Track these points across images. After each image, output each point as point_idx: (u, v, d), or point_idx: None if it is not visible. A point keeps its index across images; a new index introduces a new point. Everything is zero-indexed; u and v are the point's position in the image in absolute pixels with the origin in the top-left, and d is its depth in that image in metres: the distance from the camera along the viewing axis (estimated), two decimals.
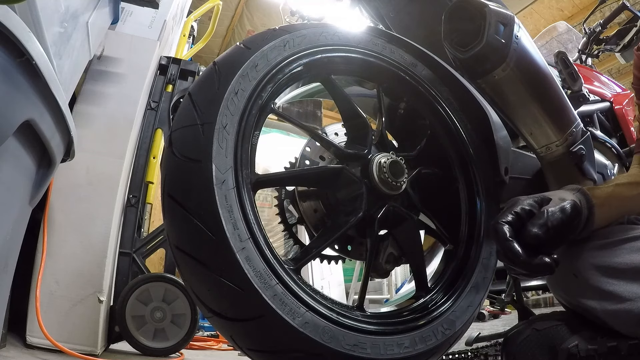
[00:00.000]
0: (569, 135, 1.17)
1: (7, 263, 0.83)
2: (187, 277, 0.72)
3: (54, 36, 0.96)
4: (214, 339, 2.55)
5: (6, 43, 0.62)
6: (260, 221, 0.73)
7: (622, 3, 2.12)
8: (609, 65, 4.81)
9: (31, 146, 0.79)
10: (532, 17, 5.04)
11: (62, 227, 1.60)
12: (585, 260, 0.87)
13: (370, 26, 1.07)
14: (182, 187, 0.71)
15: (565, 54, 1.48)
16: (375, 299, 4.51)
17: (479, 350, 1.50)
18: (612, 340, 0.78)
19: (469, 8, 1.01)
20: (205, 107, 0.74)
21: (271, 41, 0.83)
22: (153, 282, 1.75)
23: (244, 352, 0.74)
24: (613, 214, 0.85)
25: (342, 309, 0.78)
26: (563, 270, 0.92)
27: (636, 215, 0.90)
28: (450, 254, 1.01)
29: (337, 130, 1.11)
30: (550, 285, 0.98)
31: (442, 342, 0.85)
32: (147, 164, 1.96)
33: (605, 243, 0.87)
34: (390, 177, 0.89)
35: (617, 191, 0.85)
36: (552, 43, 2.38)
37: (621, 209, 0.85)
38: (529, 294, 4.03)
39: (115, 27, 1.91)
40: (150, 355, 1.71)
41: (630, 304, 0.76)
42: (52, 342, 1.45)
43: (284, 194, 1.06)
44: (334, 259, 1.08)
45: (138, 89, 1.87)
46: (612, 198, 0.83)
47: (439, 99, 1.04)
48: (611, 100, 1.76)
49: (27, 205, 0.87)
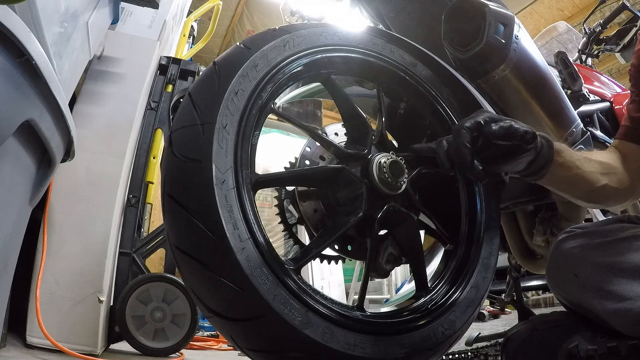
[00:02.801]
0: (569, 135, 1.17)
1: (7, 263, 0.83)
2: (187, 277, 0.72)
3: (54, 36, 0.96)
4: (214, 339, 2.55)
5: (6, 43, 0.62)
6: (260, 221, 0.73)
7: (622, 3, 2.12)
8: (609, 65, 4.81)
9: (31, 146, 0.79)
10: (532, 17, 5.03)
11: (62, 227, 1.60)
12: (585, 259, 0.87)
13: (370, 26, 1.07)
14: (182, 187, 0.70)
15: (565, 54, 1.48)
16: (375, 299, 4.50)
17: (479, 350, 1.50)
18: (612, 340, 0.78)
19: (469, 8, 1.01)
20: (205, 107, 0.74)
21: (271, 41, 0.83)
22: (153, 282, 1.75)
23: (244, 352, 0.74)
24: (568, 179, 0.84)
25: (342, 309, 0.78)
26: (563, 270, 0.92)
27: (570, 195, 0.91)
28: (450, 254, 1.01)
29: (337, 130, 1.11)
30: (550, 285, 0.98)
31: (442, 342, 0.85)
32: (147, 164, 1.96)
33: (605, 242, 0.88)
34: (390, 177, 0.89)
35: (581, 162, 0.84)
36: (552, 43, 2.38)
37: (574, 178, 0.84)
38: (529, 294, 4.03)
39: (115, 27, 1.91)
40: (150, 355, 1.71)
41: (630, 303, 0.76)
42: (52, 342, 1.45)
43: (284, 194, 1.06)
44: (334, 259, 1.08)
45: (138, 89, 1.87)
46: (573, 166, 0.82)
47: (439, 99, 1.04)
48: (611, 100, 1.76)
49: (27, 205, 0.87)
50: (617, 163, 0.91)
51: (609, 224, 0.94)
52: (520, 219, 1.37)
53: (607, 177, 0.87)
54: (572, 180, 0.84)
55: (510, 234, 1.39)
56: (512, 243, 1.40)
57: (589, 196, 0.90)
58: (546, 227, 1.30)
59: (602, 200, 0.93)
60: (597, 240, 0.89)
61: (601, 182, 0.86)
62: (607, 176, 0.87)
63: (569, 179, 0.84)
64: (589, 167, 0.85)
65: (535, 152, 0.74)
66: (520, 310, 1.86)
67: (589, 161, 0.86)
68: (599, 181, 0.86)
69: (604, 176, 0.87)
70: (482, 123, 0.69)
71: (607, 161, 0.90)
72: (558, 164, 0.79)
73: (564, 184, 0.87)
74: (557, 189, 0.89)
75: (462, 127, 0.68)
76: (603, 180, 0.86)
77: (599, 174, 0.86)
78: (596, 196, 0.90)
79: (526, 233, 1.37)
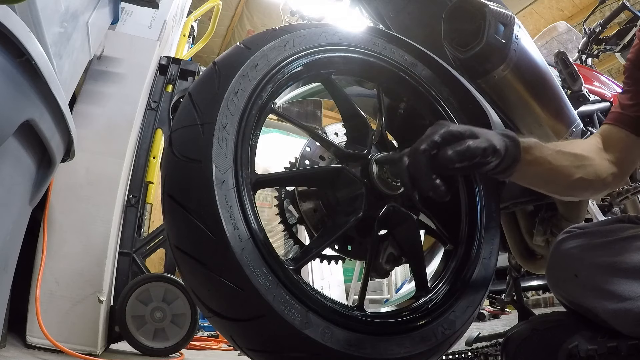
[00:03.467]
0: (569, 135, 1.17)
1: (7, 263, 0.83)
2: (187, 277, 0.72)
3: (54, 36, 0.96)
4: (214, 339, 2.55)
5: (6, 43, 0.62)
6: (260, 221, 0.73)
7: (622, 3, 2.12)
8: (609, 65, 4.81)
9: (31, 146, 0.79)
10: (532, 17, 5.03)
11: (62, 227, 1.60)
12: (585, 259, 0.87)
13: (370, 26, 1.07)
14: (182, 187, 0.71)
15: (565, 54, 1.48)
16: (375, 299, 4.50)
17: (479, 350, 1.50)
18: (612, 340, 0.78)
19: (469, 8, 1.01)
20: (205, 107, 0.74)
21: (271, 41, 0.83)
22: (153, 282, 1.75)
23: (244, 352, 0.74)
24: (539, 175, 0.82)
25: (342, 309, 0.78)
26: (563, 270, 0.92)
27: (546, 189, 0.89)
28: (450, 254, 1.01)
29: (337, 130, 1.11)
30: (550, 285, 0.98)
31: (442, 342, 0.85)
32: (147, 164, 1.96)
33: (605, 242, 0.88)
34: (390, 177, 0.89)
35: (553, 157, 0.82)
36: (552, 43, 2.38)
37: (546, 174, 0.82)
38: (529, 294, 4.03)
39: (115, 27, 1.91)
40: (150, 355, 1.71)
41: (630, 303, 0.76)
42: (52, 342, 1.45)
43: (284, 194, 1.06)
44: (334, 259, 1.08)
45: (138, 89, 1.87)
46: (545, 161, 0.80)
47: (439, 99, 1.04)
48: (611, 100, 1.75)
49: (27, 205, 0.87)
50: (594, 153, 0.89)
51: (609, 224, 0.94)
52: (520, 219, 1.37)
53: (582, 169, 0.85)
54: (544, 175, 0.83)
55: (510, 234, 1.39)
56: (512, 243, 1.40)
57: (564, 190, 0.89)
58: (546, 227, 1.30)
59: (578, 193, 0.91)
60: (597, 240, 0.89)
61: (575, 175, 0.84)
62: (581, 168, 0.85)
63: (540, 175, 0.82)
64: (561, 160, 0.83)
65: (499, 157, 0.71)
66: (520, 310, 1.86)
67: (562, 154, 0.84)
68: (573, 174, 0.84)
69: (578, 169, 0.85)
70: (438, 143, 0.66)
71: (582, 152, 0.87)
72: (527, 162, 0.77)
73: (536, 180, 0.85)
74: (529, 185, 0.87)
75: (418, 151, 0.65)
76: (577, 173, 0.84)
77: (572, 167, 0.84)
78: (571, 190, 0.88)
79: (526, 233, 1.37)
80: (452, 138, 0.67)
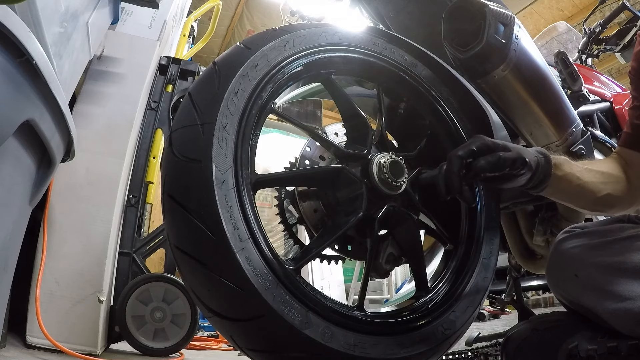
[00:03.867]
0: (569, 135, 1.17)
1: (7, 263, 0.83)
2: (187, 277, 0.72)
3: (54, 36, 0.96)
4: (214, 339, 2.55)
5: (6, 43, 0.62)
6: (260, 221, 0.73)
7: (622, 3, 2.12)
8: (609, 65, 4.81)
9: (31, 146, 0.79)
10: (532, 17, 5.03)
11: (62, 227, 1.61)
12: (585, 259, 0.87)
13: (370, 26, 1.07)
14: (182, 187, 0.70)
15: (565, 54, 1.47)
16: (375, 299, 4.51)
17: (479, 350, 1.50)
18: (612, 340, 0.78)
19: (469, 8, 1.01)
20: (205, 107, 0.74)
21: (271, 41, 0.83)
22: (153, 282, 1.75)
23: (244, 352, 0.74)
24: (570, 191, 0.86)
25: (342, 309, 0.78)
26: (563, 270, 0.92)
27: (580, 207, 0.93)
28: (450, 254, 1.01)
29: (337, 130, 1.11)
30: (550, 285, 0.99)
31: (442, 342, 0.85)
32: (147, 164, 1.96)
33: (605, 242, 0.88)
34: (390, 177, 0.89)
35: (582, 174, 0.86)
36: (552, 43, 2.38)
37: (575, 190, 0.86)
38: (529, 294, 4.03)
39: (115, 27, 1.91)
40: (150, 355, 1.71)
41: (630, 302, 0.76)
42: (52, 342, 1.45)
43: (284, 194, 1.06)
44: (334, 259, 1.08)
45: (138, 89, 1.87)
46: (574, 177, 0.84)
47: (439, 99, 1.04)
48: (611, 100, 1.76)
49: (27, 205, 0.87)
50: (619, 171, 0.92)
51: (609, 224, 0.95)
52: (520, 219, 1.37)
53: (610, 185, 0.88)
54: (574, 191, 0.86)
55: (510, 234, 1.39)
56: (512, 243, 1.40)
57: (592, 206, 0.91)
58: (546, 227, 1.30)
59: (606, 209, 0.93)
60: (597, 240, 0.89)
61: (603, 191, 0.87)
62: (609, 185, 0.88)
63: (570, 191, 0.86)
64: (590, 177, 0.86)
65: (530, 172, 0.77)
66: (520, 310, 1.86)
67: (590, 172, 0.87)
68: (601, 191, 0.87)
69: (606, 185, 0.88)
70: (474, 151, 0.73)
71: (609, 170, 0.91)
72: (557, 178, 0.81)
73: (567, 196, 0.88)
74: (560, 199, 0.92)
75: (455, 156, 0.72)
76: (605, 189, 0.87)
77: (600, 184, 0.87)
78: (599, 205, 0.91)
79: (526, 233, 1.37)
80: (487, 149, 0.73)
